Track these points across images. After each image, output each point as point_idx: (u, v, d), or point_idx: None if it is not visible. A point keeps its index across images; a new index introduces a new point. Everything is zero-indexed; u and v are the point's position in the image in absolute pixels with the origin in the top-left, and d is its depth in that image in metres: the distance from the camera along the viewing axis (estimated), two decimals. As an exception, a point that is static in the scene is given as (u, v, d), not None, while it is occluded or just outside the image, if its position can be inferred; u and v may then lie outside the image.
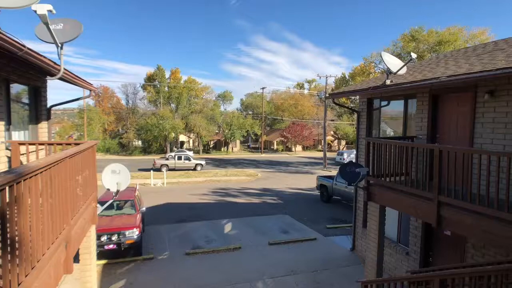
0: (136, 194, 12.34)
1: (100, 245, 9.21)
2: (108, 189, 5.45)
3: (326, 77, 39.18)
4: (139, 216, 10.55)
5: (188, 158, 32.91)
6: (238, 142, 62.64)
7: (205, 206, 17.41)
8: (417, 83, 6.73)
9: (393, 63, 7.94)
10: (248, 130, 59.74)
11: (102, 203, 5.98)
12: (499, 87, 5.83)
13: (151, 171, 26.49)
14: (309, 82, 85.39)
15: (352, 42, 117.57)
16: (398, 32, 75.39)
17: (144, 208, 11.87)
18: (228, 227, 13.46)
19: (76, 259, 5.03)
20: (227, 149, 59.77)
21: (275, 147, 62.89)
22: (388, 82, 7.63)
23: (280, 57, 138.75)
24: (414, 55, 7.52)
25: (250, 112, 79.30)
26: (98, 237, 9.16)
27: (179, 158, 32.40)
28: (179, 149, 49.07)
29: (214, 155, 54.00)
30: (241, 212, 16.09)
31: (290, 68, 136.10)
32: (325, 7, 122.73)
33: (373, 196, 7.12)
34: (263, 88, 58.83)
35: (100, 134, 55.19)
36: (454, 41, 34.34)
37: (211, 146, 63.16)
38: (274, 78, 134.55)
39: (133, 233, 9.61)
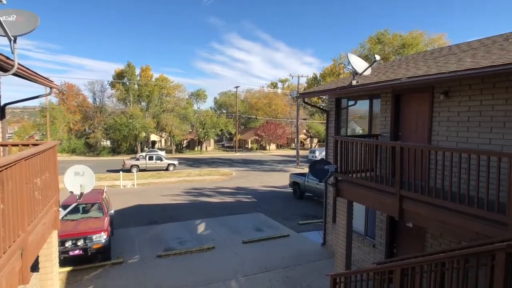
0: (104, 196, 11.95)
1: (64, 251, 8.83)
2: (71, 192, 5.25)
3: (298, 77, 39.80)
4: (107, 219, 10.23)
5: (160, 158, 32.27)
6: (212, 141, 62.17)
7: (178, 207, 17.17)
8: (380, 83, 7.03)
9: (359, 64, 8.22)
10: (222, 129, 59.44)
11: (65, 207, 5.75)
12: (452, 88, 6.23)
13: (121, 172, 25.72)
14: (282, 81, 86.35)
15: (323, 43, 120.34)
16: (366, 34, 77.97)
17: (112, 211, 11.53)
18: (201, 227, 13.36)
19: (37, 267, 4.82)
20: (201, 149, 59.17)
21: (250, 145, 63.04)
22: (354, 82, 7.90)
23: (253, 56, 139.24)
24: (378, 57, 7.84)
25: (224, 111, 78.96)
26: (62, 242, 8.79)
27: (150, 158, 31.69)
28: (150, 149, 48.00)
29: (188, 154, 53.28)
30: (215, 211, 16.03)
31: (263, 67, 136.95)
32: (297, 7, 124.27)
33: (341, 192, 7.37)
34: (236, 87, 58.77)
35: (65, 134, 52.71)
36: (416, 44, 36.13)
37: (184, 145, 62.24)
38: (248, 77, 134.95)
39: (101, 237, 9.30)
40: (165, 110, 57.12)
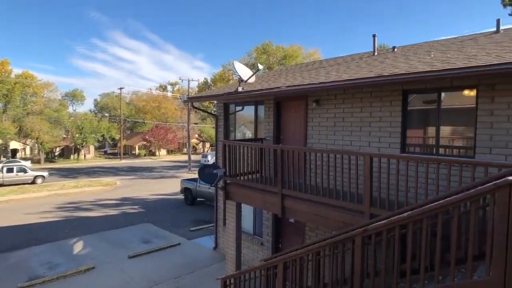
0: None
1: None
2: None
3: (189, 81, 39.39)
4: None
5: (23, 170, 27.04)
6: (92, 148, 55.48)
7: (48, 226, 14.66)
8: (263, 91, 7.53)
9: (244, 72, 8.64)
10: (104, 135, 53.73)
11: None
12: (322, 97, 7.16)
13: (-35, 189, 20.50)
14: (172, 84, 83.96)
15: (214, 50, 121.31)
16: (254, 43, 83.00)
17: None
18: (78, 247, 11.73)
19: None
20: (78, 157, 52.17)
21: (137, 152, 58.91)
22: (240, 89, 8.24)
23: (141, 56, 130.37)
24: (261, 66, 8.40)
25: (106, 114, 71.95)
26: None
27: (10, 170, 26.25)
28: (10, 159, 39.75)
29: (61, 164, 46.22)
30: (96, 226, 14.31)
31: (152, 69, 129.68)
32: (186, 11, 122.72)
33: (230, 194, 7.55)
34: (121, 88, 54.14)
35: None
36: (296, 56, 40.45)
37: (56, 153, 53.78)
38: (134, 78, 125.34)
39: None
40: (30, 113, 48.16)
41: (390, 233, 3.60)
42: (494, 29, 7.29)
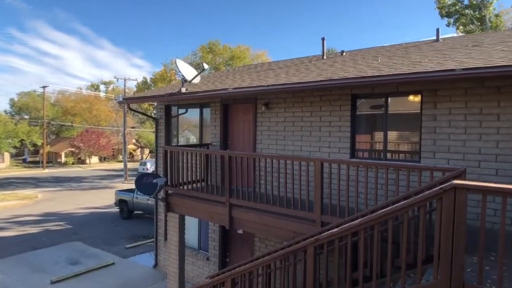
0: None
1: None
2: None
3: (125, 80, 37.60)
4: None
5: None
6: (7, 155, 49.89)
7: None
8: (209, 92, 7.37)
9: (188, 71, 8.39)
10: (23, 140, 48.81)
11: None
12: (271, 100, 7.21)
13: None
14: (106, 83, 79.36)
15: (155, 47, 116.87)
16: (199, 43, 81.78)
17: None
18: (-15, 274, 10.31)
19: None
20: (-12, 166, 46.56)
21: (64, 159, 54.36)
22: (183, 90, 7.97)
23: (69, 51, 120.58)
24: (206, 66, 8.23)
25: (26, 116, 65.60)
26: None
27: None
28: None
29: (-35, 175, 40.81)
30: (11, 248, 12.75)
31: (83, 65, 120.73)
32: (121, 3, 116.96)
33: (172, 206, 7.22)
34: (44, 87, 49.65)
35: None
36: (243, 58, 40.90)
37: (-42, 163, 47.37)
38: (61, 75, 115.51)
39: None
40: None
41: (342, 241, 3.67)
42: (435, 37, 8.03)
